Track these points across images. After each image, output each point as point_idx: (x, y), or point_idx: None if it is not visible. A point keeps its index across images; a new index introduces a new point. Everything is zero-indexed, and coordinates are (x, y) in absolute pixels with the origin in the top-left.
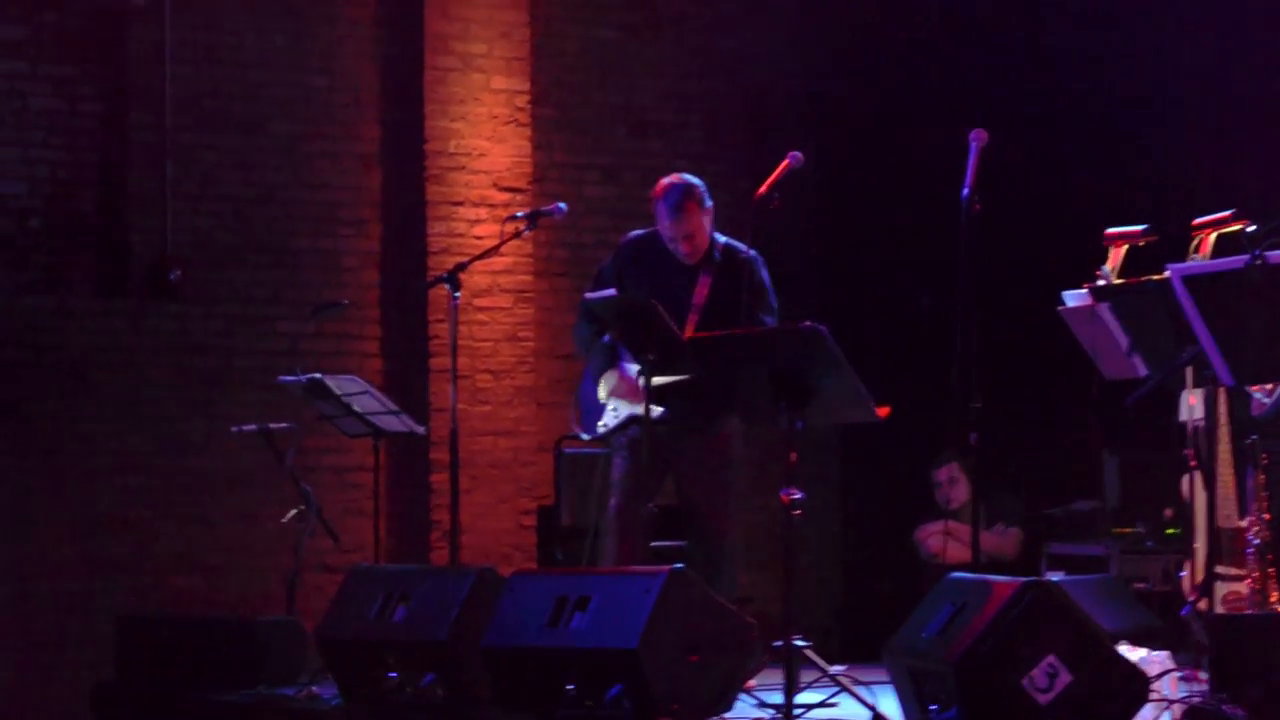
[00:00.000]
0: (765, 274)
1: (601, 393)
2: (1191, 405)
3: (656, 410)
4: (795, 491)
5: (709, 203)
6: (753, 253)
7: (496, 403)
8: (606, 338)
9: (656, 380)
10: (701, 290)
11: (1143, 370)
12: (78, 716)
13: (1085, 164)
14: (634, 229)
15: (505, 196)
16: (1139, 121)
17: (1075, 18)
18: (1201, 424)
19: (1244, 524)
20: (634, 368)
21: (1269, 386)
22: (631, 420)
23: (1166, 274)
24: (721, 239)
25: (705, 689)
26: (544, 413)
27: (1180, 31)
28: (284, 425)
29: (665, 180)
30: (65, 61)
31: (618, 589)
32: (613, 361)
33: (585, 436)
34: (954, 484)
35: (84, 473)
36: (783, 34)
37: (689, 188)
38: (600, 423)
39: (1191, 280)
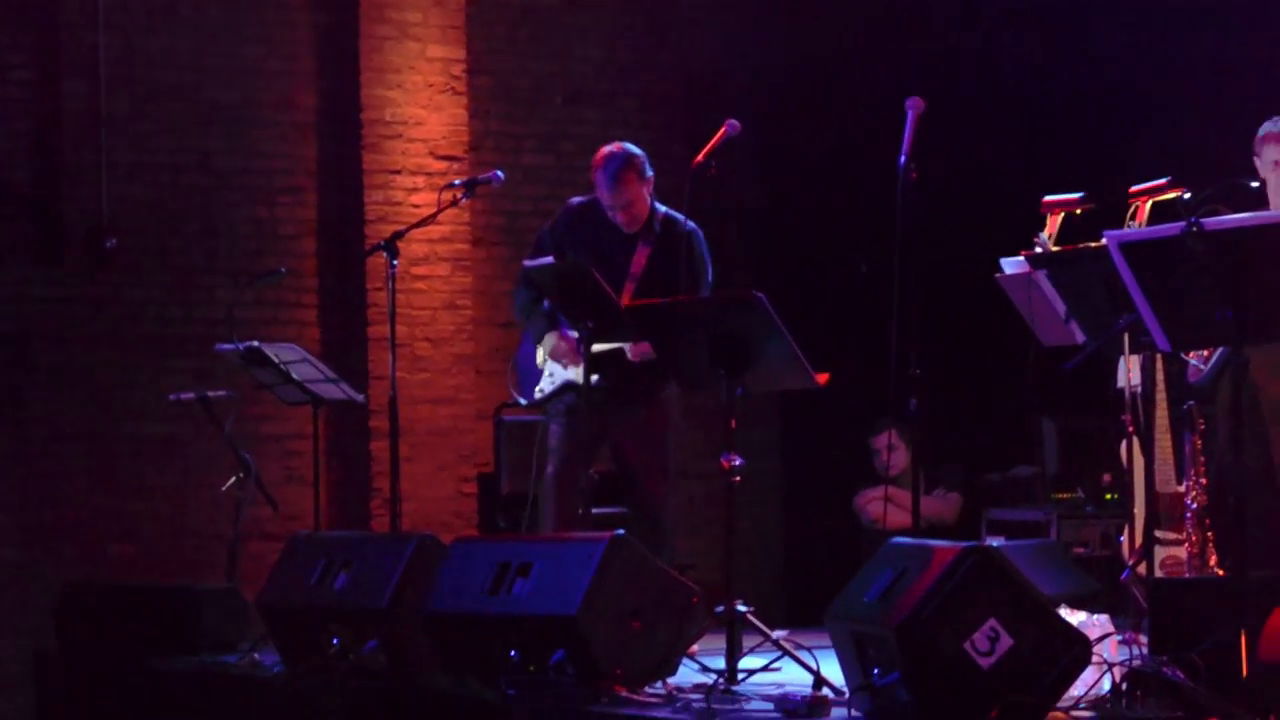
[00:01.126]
0: (704, 248)
1: (539, 357)
2: (1129, 372)
3: (593, 378)
4: (735, 458)
5: (649, 173)
6: (692, 225)
7: (435, 370)
8: (546, 304)
9: (594, 348)
10: (639, 260)
11: (1080, 337)
12: (19, 685)
13: (1022, 131)
14: (569, 197)
15: (442, 165)
16: (1075, 88)
17: None
18: (1139, 390)
19: (1181, 489)
20: (574, 332)
21: (1205, 353)
22: (567, 386)
23: (1103, 241)
24: (662, 209)
25: (648, 654)
26: (483, 380)
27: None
28: (222, 393)
29: (605, 149)
30: None
31: (559, 555)
32: (552, 327)
33: (522, 401)
34: (892, 450)
35: (22, 442)
36: (722, 3)
37: (629, 157)
38: (537, 388)
39: (1128, 247)
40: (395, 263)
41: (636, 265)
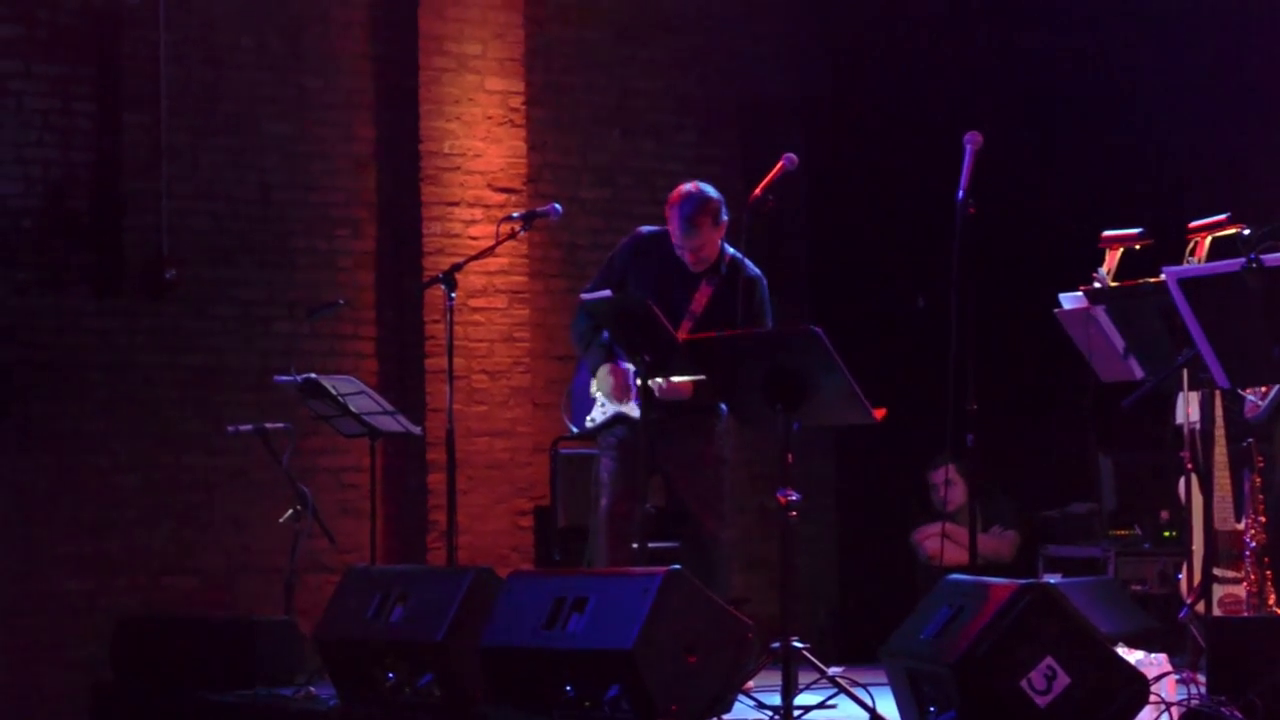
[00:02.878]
0: (766, 294)
1: (594, 386)
2: (1188, 408)
3: (636, 412)
4: (791, 493)
5: (724, 217)
6: (757, 271)
7: (492, 403)
8: (606, 335)
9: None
10: (701, 299)
11: (1139, 373)
12: (75, 717)
13: (1081, 167)
14: (627, 229)
15: (500, 197)
16: (1135, 124)
17: (1072, 20)
18: (1197, 427)
19: (1240, 526)
20: (630, 366)
21: (1263, 389)
22: (619, 419)
23: (1162, 277)
24: (730, 251)
25: (703, 690)
26: (540, 413)
27: (1178, 34)
28: (280, 425)
29: (684, 187)
30: (60, 61)
31: (615, 590)
32: (609, 358)
33: (574, 430)
34: (950, 486)
35: (80, 473)
36: (776, 35)
37: (705, 201)
38: (588, 417)
39: (1187, 283)
40: (453, 295)
41: (698, 304)
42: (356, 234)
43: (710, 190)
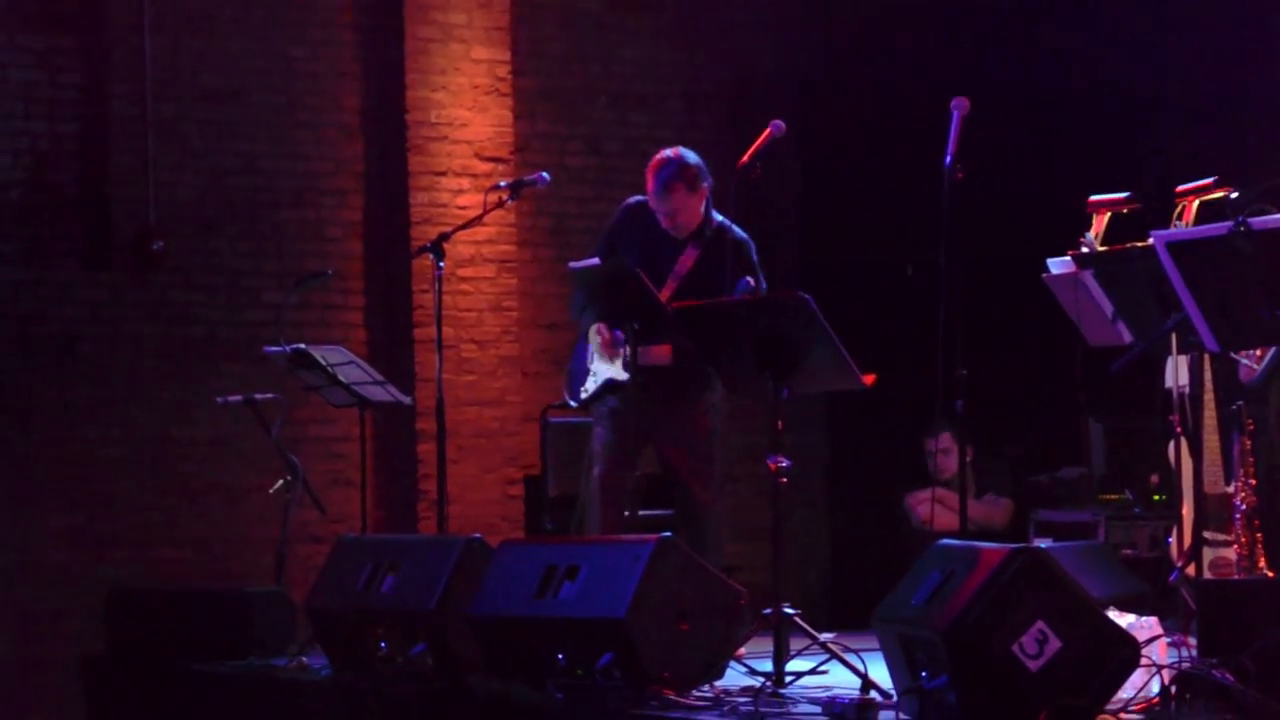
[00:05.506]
0: (755, 256)
1: (589, 360)
2: (1177, 372)
3: (624, 375)
4: (782, 459)
5: (704, 183)
6: (745, 235)
7: (481, 373)
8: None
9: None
10: (686, 261)
11: (1127, 337)
12: (68, 690)
13: (1068, 131)
14: (615, 198)
15: (487, 166)
16: (1121, 88)
17: None
18: (1187, 390)
19: (1230, 490)
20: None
21: (1257, 353)
22: (609, 387)
23: (1150, 241)
24: (718, 218)
25: (695, 657)
26: (529, 382)
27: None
28: (269, 396)
29: (664, 153)
30: (44, 33)
31: (606, 558)
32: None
33: (572, 404)
34: (947, 454)
35: (69, 446)
36: (765, 2)
37: (681, 167)
38: (582, 388)
39: (1175, 247)
40: (441, 265)
41: (682, 266)
42: (344, 204)
43: (690, 156)
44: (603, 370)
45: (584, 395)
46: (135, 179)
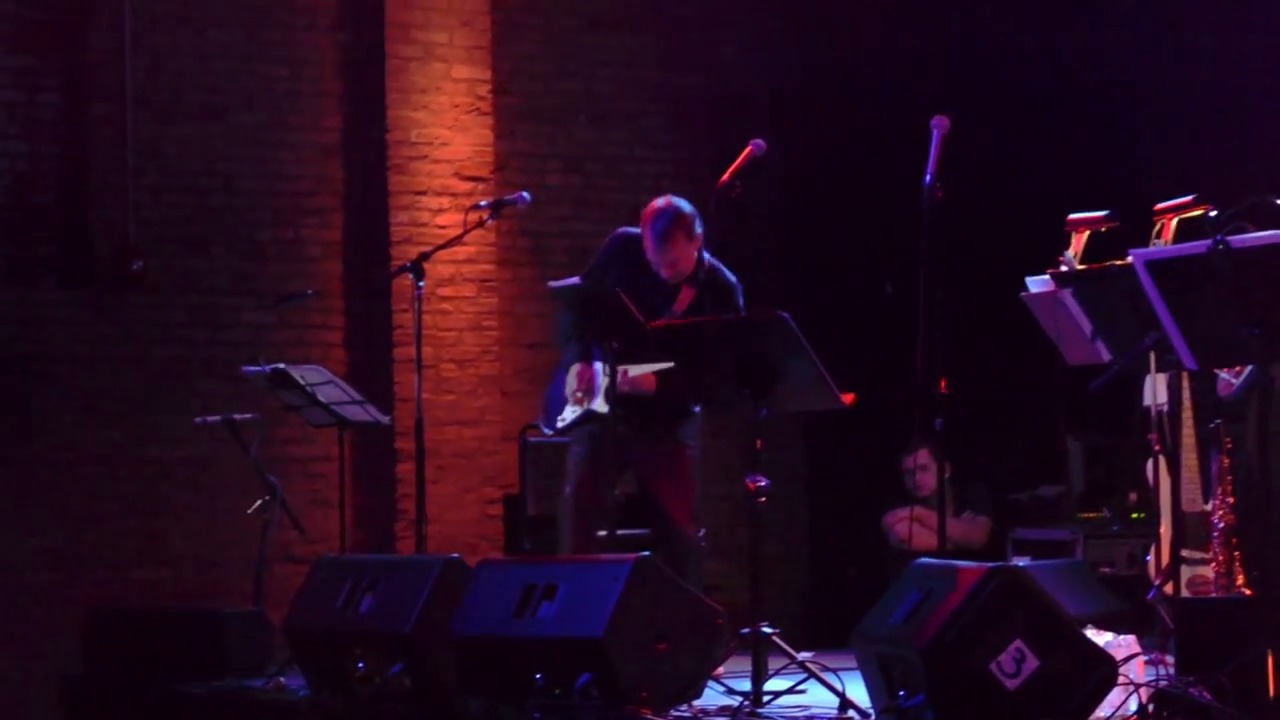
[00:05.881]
0: (742, 302)
1: (567, 389)
2: (1155, 390)
3: (604, 407)
4: (760, 479)
5: (698, 229)
6: (734, 280)
7: (461, 392)
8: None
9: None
10: (683, 301)
11: (1106, 356)
12: (46, 709)
13: (1047, 150)
14: (596, 218)
15: (468, 185)
16: (1100, 107)
17: (1037, 6)
18: (1165, 408)
19: (1208, 508)
20: (599, 365)
21: (1236, 369)
22: (589, 416)
23: (1129, 259)
24: (708, 259)
25: (673, 677)
26: (508, 402)
27: (1141, 17)
28: (248, 416)
29: (657, 203)
30: (24, 52)
31: (585, 577)
32: (584, 358)
33: (547, 431)
34: (924, 470)
35: (48, 465)
36: (744, 22)
37: (677, 215)
38: (559, 417)
39: (1154, 265)
40: (421, 284)
41: (680, 305)
42: (324, 223)
43: (683, 205)
44: (584, 404)
45: (560, 424)
46: (115, 199)
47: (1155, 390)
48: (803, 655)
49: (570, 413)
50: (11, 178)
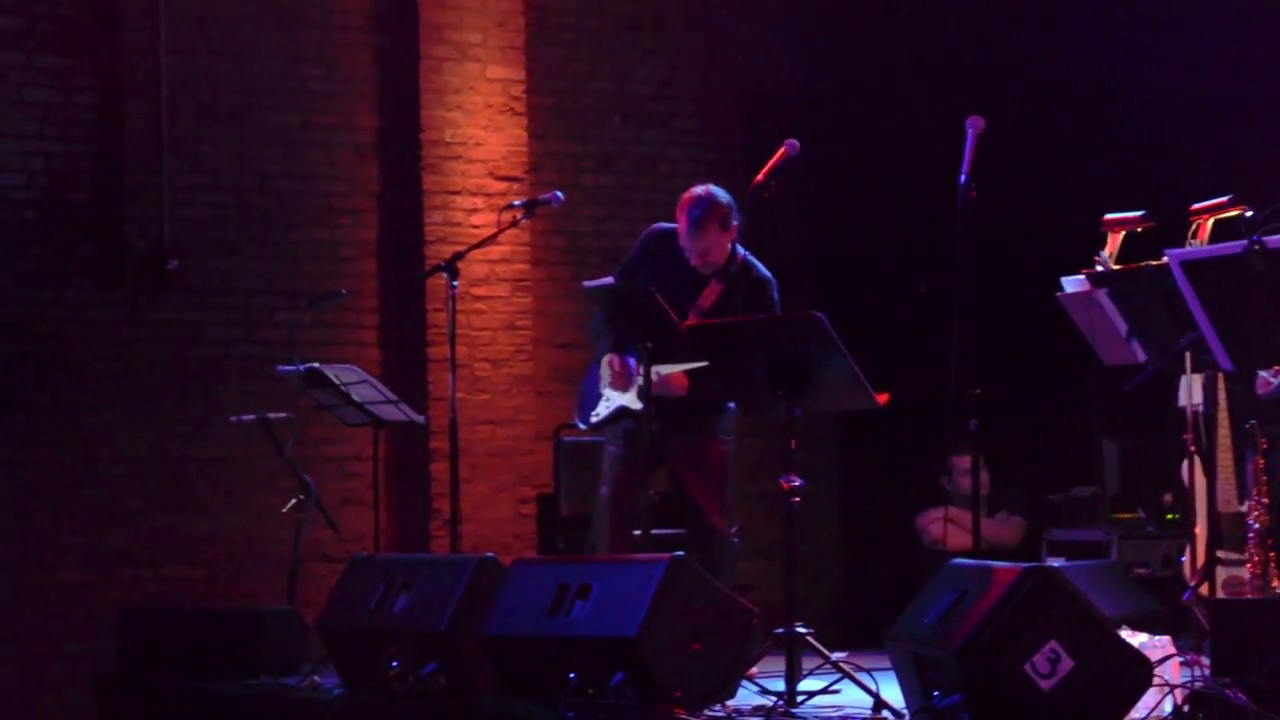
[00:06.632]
0: (776, 296)
1: (600, 384)
2: (1190, 391)
3: (638, 404)
4: (795, 478)
5: (734, 221)
6: (768, 274)
7: (495, 391)
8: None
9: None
10: (710, 295)
11: (1141, 356)
12: (80, 708)
13: (1083, 150)
14: (629, 217)
15: (502, 185)
16: (1136, 107)
17: (1072, 5)
18: (1200, 409)
19: (1244, 509)
20: (631, 359)
21: (1277, 366)
22: (623, 412)
23: (1165, 260)
24: (742, 252)
25: (707, 676)
26: (543, 401)
27: (1179, 16)
28: (283, 415)
29: (695, 190)
30: (60, 53)
31: (619, 577)
32: (615, 349)
33: (581, 426)
34: (968, 474)
35: (83, 465)
36: (777, 21)
37: (713, 205)
38: (594, 412)
39: (1190, 265)
40: (455, 284)
41: (705, 300)
42: (358, 223)
43: (720, 194)
44: (615, 397)
45: (594, 419)
46: (150, 198)
47: (1191, 391)
48: (837, 655)
49: (604, 407)
50: (47, 178)
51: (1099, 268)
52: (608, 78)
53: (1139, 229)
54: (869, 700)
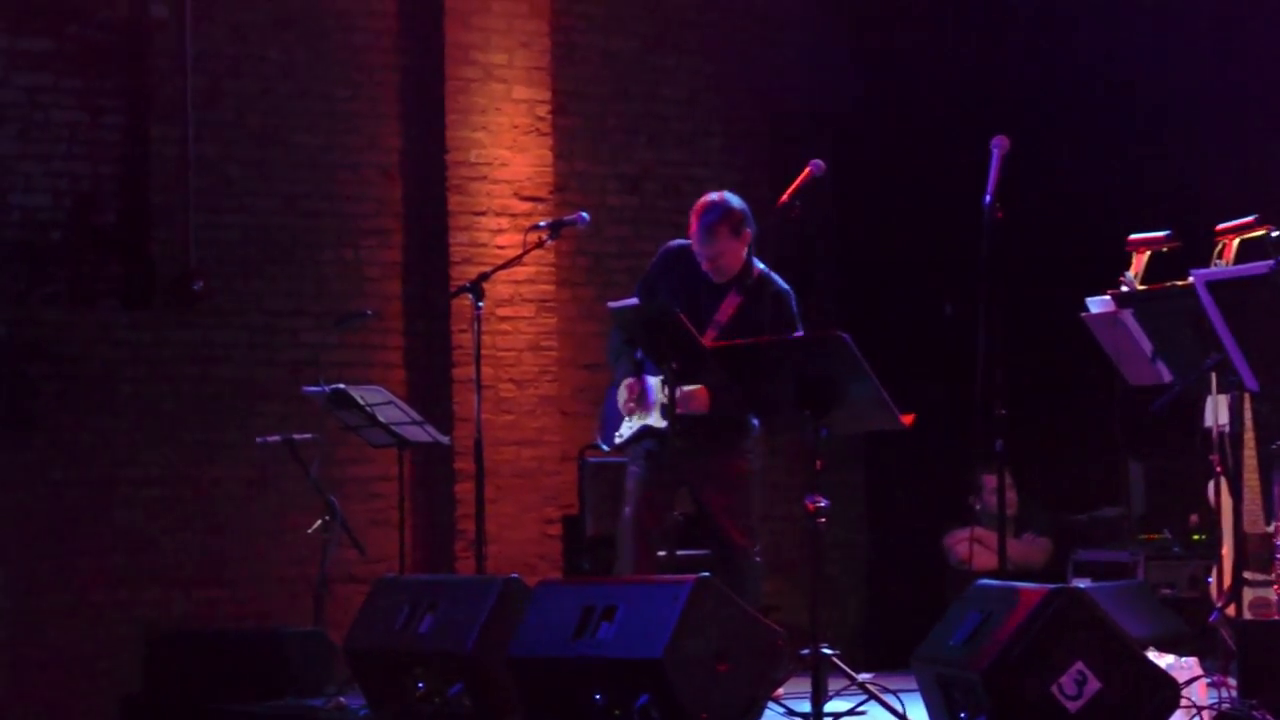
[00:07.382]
0: (795, 308)
1: (620, 401)
2: (1216, 411)
3: (662, 422)
4: (820, 499)
5: (747, 229)
6: (786, 286)
7: (520, 412)
8: (639, 353)
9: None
10: (727, 309)
11: (1167, 376)
12: None
13: (1108, 170)
14: (654, 237)
15: (527, 206)
16: (1161, 127)
17: (1097, 25)
18: (1227, 429)
19: (1270, 529)
20: (652, 380)
21: None
22: (646, 432)
23: (1190, 280)
24: (759, 265)
25: (733, 698)
26: (567, 422)
27: (1204, 37)
28: (308, 436)
29: (709, 196)
30: (88, 74)
31: (644, 598)
32: (635, 373)
33: (605, 448)
34: (995, 494)
35: (109, 485)
36: (802, 41)
37: (726, 210)
38: (616, 433)
39: (1215, 286)
40: (480, 304)
41: (723, 314)
42: (384, 244)
43: (734, 201)
44: (638, 418)
45: (618, 440)
46: (176, 219)
47: (1216, 411)
48: (863, 676)
49: (627, 428)
50: (74, 198)
51: (1124, 288)
52: (633, 99)
53: (1164, 249)
54: None
